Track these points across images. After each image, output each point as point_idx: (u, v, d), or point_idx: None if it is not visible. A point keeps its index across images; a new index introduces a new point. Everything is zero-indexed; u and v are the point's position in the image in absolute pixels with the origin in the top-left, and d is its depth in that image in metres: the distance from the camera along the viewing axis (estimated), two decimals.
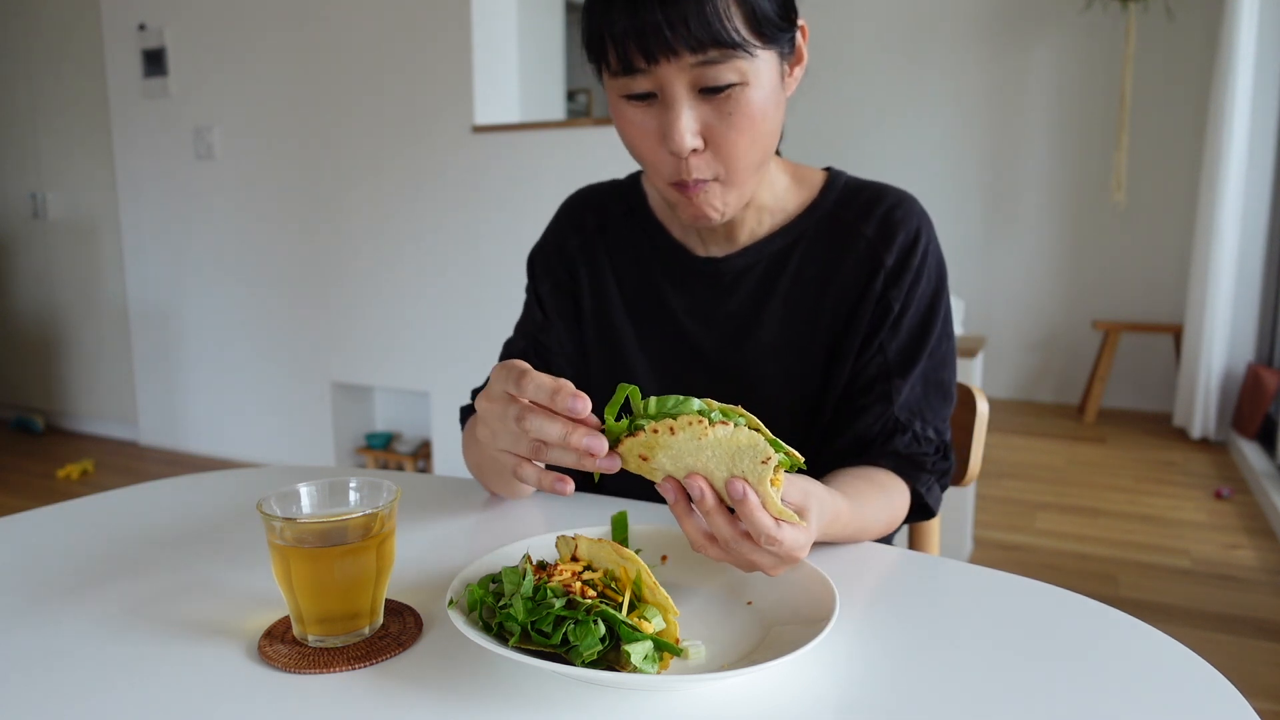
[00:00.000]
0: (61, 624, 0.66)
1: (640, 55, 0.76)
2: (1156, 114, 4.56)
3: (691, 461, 0.60)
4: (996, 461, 3.76)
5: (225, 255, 3.80)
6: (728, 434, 0.59)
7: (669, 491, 0.62)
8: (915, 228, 0.92)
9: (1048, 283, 4.93)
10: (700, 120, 0.79)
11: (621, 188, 1.04)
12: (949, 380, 0.94)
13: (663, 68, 0.76)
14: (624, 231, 1.02)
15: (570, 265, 1.03)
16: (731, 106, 0.78)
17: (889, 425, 0.89)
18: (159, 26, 3.71)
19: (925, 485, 0.90)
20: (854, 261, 0.93)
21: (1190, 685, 0.58)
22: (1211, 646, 2.20)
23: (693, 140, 0.79)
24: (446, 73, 3.16)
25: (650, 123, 0.81)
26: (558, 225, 1.06)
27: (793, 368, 0.94)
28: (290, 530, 0.62)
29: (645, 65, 0.76)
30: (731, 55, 0.76)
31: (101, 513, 0.92)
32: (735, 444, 0.59)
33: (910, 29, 4.99)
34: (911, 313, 0.91)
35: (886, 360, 0.91)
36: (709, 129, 0.79)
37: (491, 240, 3.21)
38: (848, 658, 0.61)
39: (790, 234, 0.95)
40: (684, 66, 0.76)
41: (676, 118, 0.78)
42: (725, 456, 0.59)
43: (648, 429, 0.60)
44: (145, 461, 3.99)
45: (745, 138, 0.80)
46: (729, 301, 0.95)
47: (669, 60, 0.75)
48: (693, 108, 0.78)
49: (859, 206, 0.94)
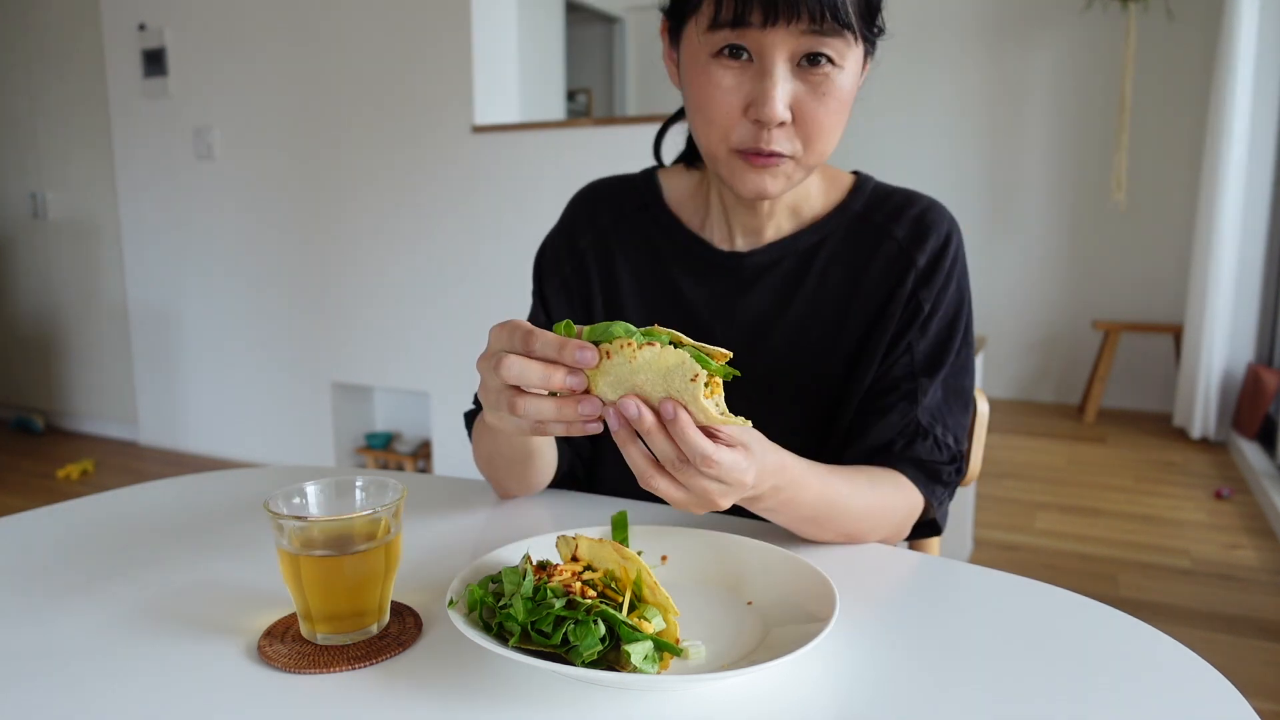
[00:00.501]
0: (61, 624, 0.66)
1: (759, 11, 0.75)
2: (1156, 114, 4.56)
3: (629, 385, 0.61)
4: (996, 461, 3.76)
5: (225, 255, 3.80)
6: (655, 354, 0.59)
7: (613, 418, 0.62)
8: (947, 231, 0.92)
9: (1048, 283, 4.93)
10: (792, 94, 0.79)
11: (635, 182, 1.02)
12: (969, 389, 0.93)
13: (777, 31, 0.76)
14: (639, 226, 1.00)
15: (580, 261, 1.01)
16: (825, 86, 0.79)
17: (911, 428, 0.87)
18: (159, 26, 3.72)
19: (938, 499, 0.89)
20: (883, 263, 0.92)
21: (1190, 685, 0.58)
22: (1211, 646, 2.20)
23: (784, 111, 0.78)
24: (446, 73, 3.16)
25: (740, 86, 0.79)
26: (568, 220, 1.03)
27: (813, 367, 0.93)
28: (300, 532, 0.62)
29: (761, 23, 0.76)
30: (837, 34, 0.76)
31: (101, 513, 0.92)
32: (664, 364, 0.59)
33: (910, 29, 4.98)
34: (940, 315, 0.91)
35: (913, 360, 0.90)
36: (798, 104, 0.79)
37: (491, 240, 3.21)
38: (848, 658, 0.61)
39: (818, 233, 0.94)
40: (794, 33, 0.76)
41: (774, 85, 0.77)
42: (658, 377, 0.59)
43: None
44: (145, 461, 3.99)
45: (832, 118, 0.80)
46: (750, 297, 0.94)
47: (787, 24, 0.75)
48: (788, 79, 0.78)
49: (890, 210, 0.94)
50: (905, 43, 5.01)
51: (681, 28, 0.83)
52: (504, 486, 0.95)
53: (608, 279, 1.00)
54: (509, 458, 0.89)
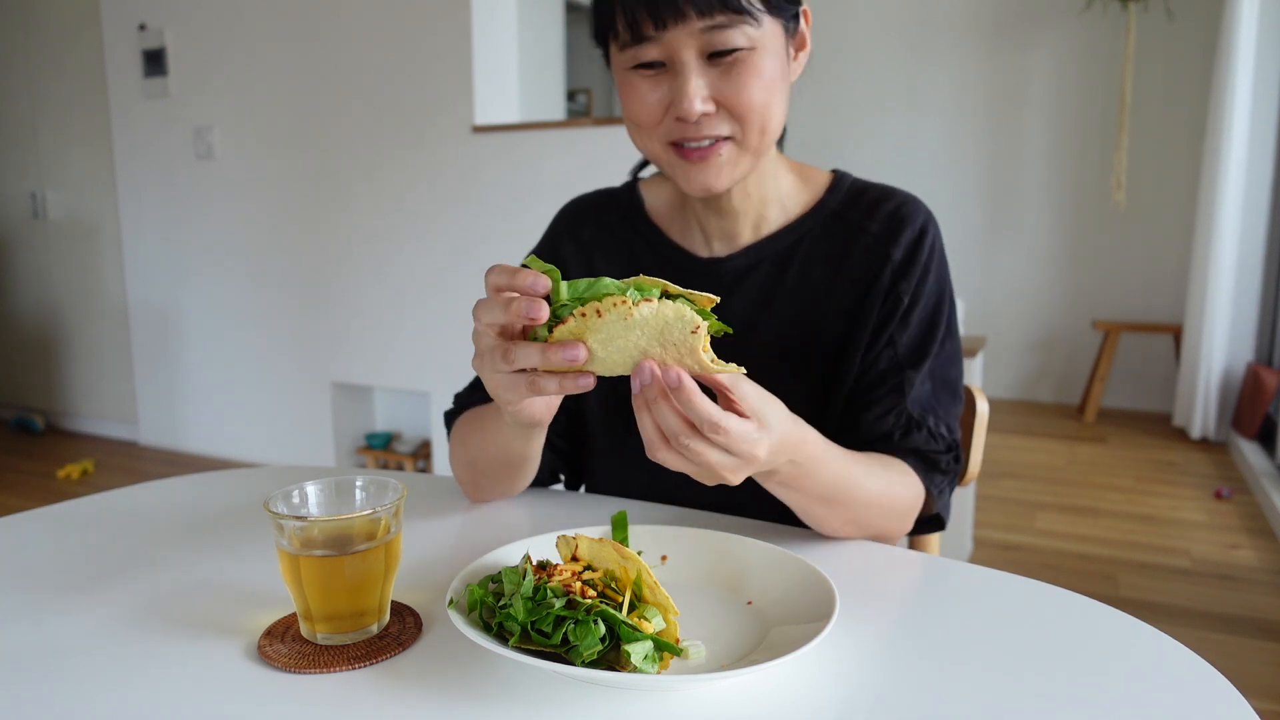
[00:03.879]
0: (61, 624, 0.66)
1: (650, 21, 0.78)
2: (1156, 114, 4.56)
3: (623, 343, 0.60)
4: (996, 461, 3.76)
5: (225, 255, 3.80)
6: (653, 310, 0.58)
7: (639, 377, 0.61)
8: (922, 224, 0.93)
9: (1048, 283, 4.93)
10: (709, 85, 0.80)
11: (617, 195, 1.05)
12: (957, 379, 0.93)
13: (671, 33, 0.78)
14: (621, 237, 1.02)
15: (562, 268, 1.02)
16: (740, 69, 0.80)
17: (903, 421, 0.88)
18: (159, 27, 3.71)
19: (939, 488, 0.89)
20: (859, 257, 0.92)
21: (1190, 685, 0.58)
22: (1211, 646, 2.20)
23: (702, 105, 0.80)
24: (446, 73, 3.16)
25: (658, 92, 0.82)
26: (552, 233, 1.06)
27: (797, 366, 0.94)
28: (301, 532, 0.62)
29: (654, 31, 0.78)
30: (738, 20, 0.78)
31: (101, 513, 0.92)
32: (663, 318, 0.58)
33: (910, 29, 4.99)
34: (920, 307, 0.91)
35: (897, 354, 0.90)
36: (718, 92, 0.81)
37: (491, 240, 3.21)
38: (848, 658, 0.61)
39: (794, 233, 0.95)
40: (693, 31, 0.78)
41: (685, 82, 0.79)
42: (655, 332, 0.59)
43: (575, 314, 0.59)
44: (145, 461, 3.99)
45: (758, 96, 0.81)
46: (732, 301, 0.95)
47: (678, 24, 0.77)
48: (702, 74, 0.80)
49: (864, 205, 0.94)
50: (906, 42, 5.01)
51: (609, 53, 0.86)
52: (481, 489, 0.94)
53: None
54: (500, 458, 0.88)
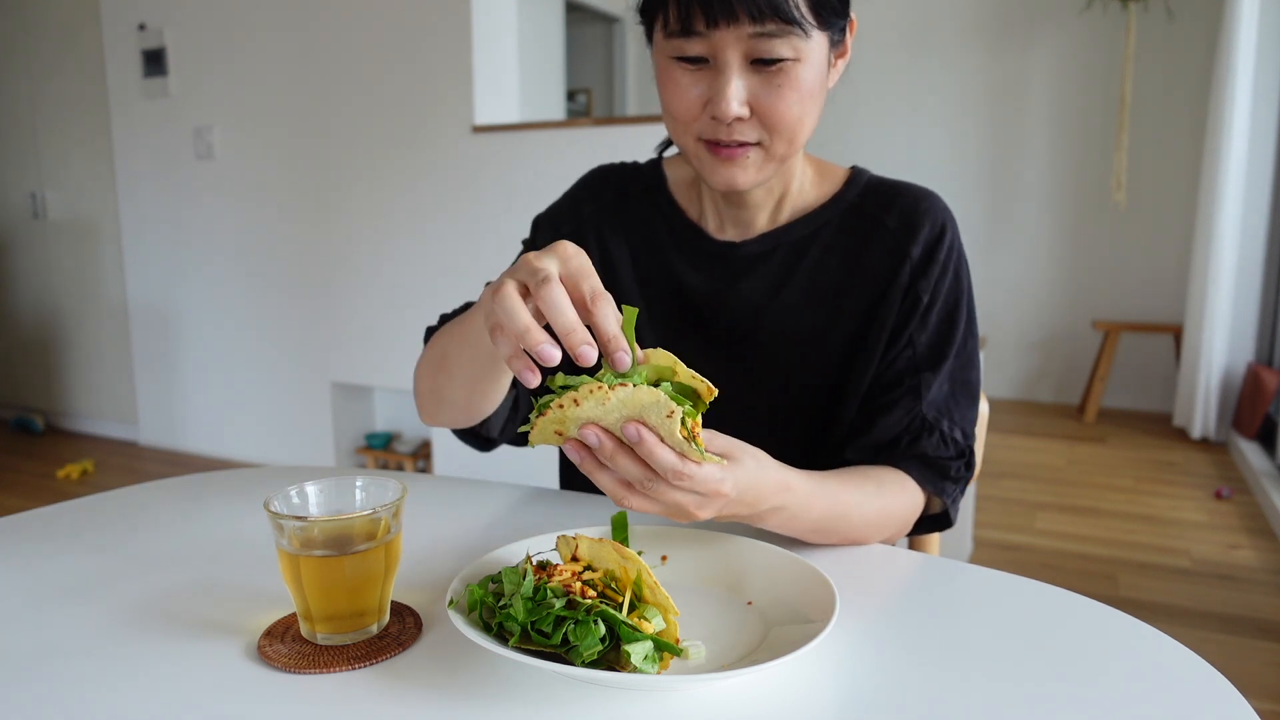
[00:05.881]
0: (61, 624, 0.66)
1: (702, 18, 0.77)
2: (1156, 114, 4.55)
3: (607, 422, 0.60)
4: (996, 461, 3.76)
5: (225, 255, 3.80)
6: (629, 394, 0.59)
7: (573, 452, 0.62)
8: (940, 222, 0.92)
9: (1048, 283, 4.93)
10: (749, 90, 0.80)
11: (641, 168, 1.05)
12: (975, 381, 0.92)
13: (721, 32, 0.77)
14: (641, 208, 1.01)
15: (580, 230, 1.02)
16: (781, 80, 0.80)
17: (916, 424, 0.87)
18: (159, 26, 3.71)
19: (950, 496, 0.88)
20: (878, 253, 0.92)
21: (1190, 685, 0.58)
22: (1211, 646, 2.20)
23: (739, 109, 0.80)
24: (446, 73, 3.16)
25: (697, 88, 0.82)
26: (574, 193, 1.05)
27: (806, 356, 0.93)
28: (300, 532, 0.62)
29: (705, 28, 0.78)
30: (788, 30, 0.77)
31: (101, 513, 0.92)
32: (639, 402, 0.59)
33: (910, 29, 4.99)
34: (939, 307, 0.91)
35: (915, 354, 0.90)
36: (756, 99, 0.81)
37: (491, 240, 3.21)
38: (848, 658, 0.61)
39: (811, 224, 0.95)
40: (741, 35, 0.77)
41: (726, 84, 0.79)
42: (632, 415, 0.60)
43: (554, 406, 0.60)
44: (145, 461, 3.99)
45: (792, 111, 0.81)
46: (744, 285, 0.95)
47: (729, 25, 0.77)
48: (743, 77, 0.80)
49: (882, 200, 0.94)
50: (906, 42, 5.01)
51: (652, 33, 0.86)
52: (439, 400, 0.89)
53: (606, 253, 1.01)
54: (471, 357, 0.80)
